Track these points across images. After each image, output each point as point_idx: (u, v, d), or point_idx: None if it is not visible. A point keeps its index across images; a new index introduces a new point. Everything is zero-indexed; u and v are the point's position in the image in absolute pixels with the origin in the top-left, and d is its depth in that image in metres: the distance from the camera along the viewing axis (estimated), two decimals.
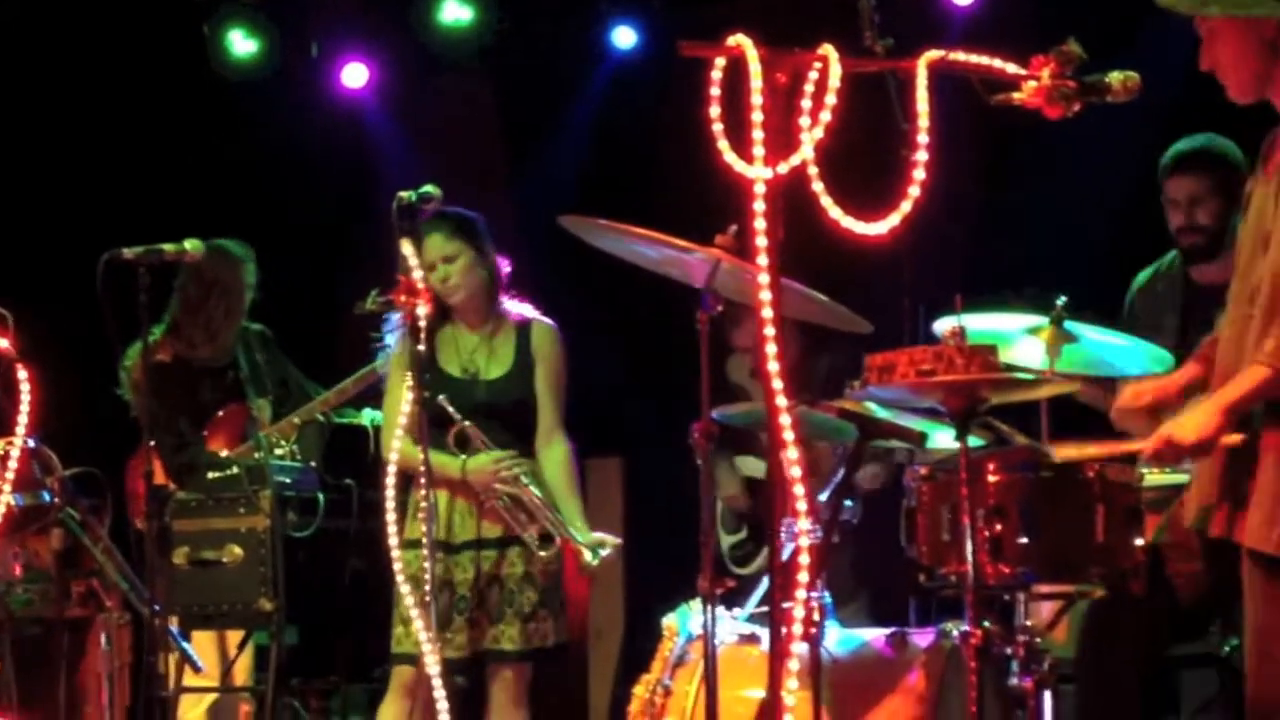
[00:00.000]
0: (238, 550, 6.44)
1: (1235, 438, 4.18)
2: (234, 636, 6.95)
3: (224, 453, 6.99)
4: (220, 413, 7.09)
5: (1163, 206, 6.13)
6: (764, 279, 3.83)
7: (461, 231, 6.15)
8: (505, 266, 6.29)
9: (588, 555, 6.01)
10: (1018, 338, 5.21)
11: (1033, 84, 4.11)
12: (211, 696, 6.97)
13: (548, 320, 6.28)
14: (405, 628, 5.90)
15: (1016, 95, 4.13)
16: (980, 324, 4.93)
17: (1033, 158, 6.84)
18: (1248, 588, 4.19)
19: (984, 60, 4.10)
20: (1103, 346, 5.26)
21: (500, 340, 6.22)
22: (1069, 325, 5.19)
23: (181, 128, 8.83)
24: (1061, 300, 5.22)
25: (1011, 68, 4.11)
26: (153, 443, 6.03)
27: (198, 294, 7.20)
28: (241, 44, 8.93)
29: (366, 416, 7.14)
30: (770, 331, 3.82)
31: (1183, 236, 6.11)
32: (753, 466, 7.54)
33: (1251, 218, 4.37)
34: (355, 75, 9.03)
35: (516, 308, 6.25)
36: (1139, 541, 4.61)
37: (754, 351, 7.46)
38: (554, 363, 6.20)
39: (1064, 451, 4.78)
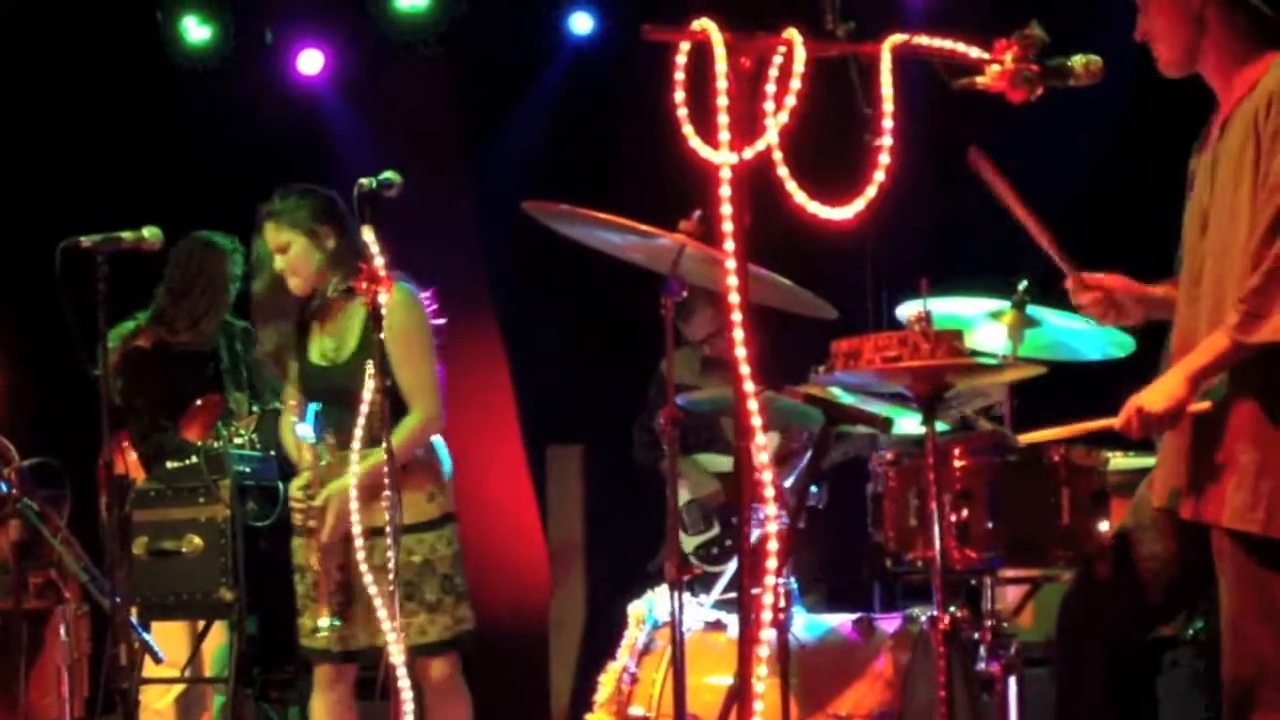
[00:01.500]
0: (197, 540, 6.41)
1: (1204, 405, 4.19)
2: (197, 626, 6.91)
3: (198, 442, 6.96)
4: (197, 402, 7.05)
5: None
6: (731, 264, 3.83)
7: (290, 221, 6.01)
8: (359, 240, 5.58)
9: None
10: (980, 322, 5.21)
11: (996, 68, 4.13)
12: (179, 686, 6.93)
13: (404, 283, 5.86)
14: (311, 620, 5.86)
15: (980, 80, 4.15)
16: (944, 308, 4.93)
17: (996, 140, 6.84)
18: (1223, 568, 4.20)
19: (947, 44, 4.10)
20: (1064, 331, 5.27)
21: (349, 319, 6.02)
22: (1031, 310, 5.20)
23: (136, 115, 8.78)
24: (1024, 284, 5.23)
25: (975, 52, 4.12)
26: (124, 431, 6.00)
27: (182, 282, 7.20)
28: (195, 31, 8.88)
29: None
30: (738, 317, 3.82)
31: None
32: (717, 463, 7.51)
33: (1194, 197, 4.39)
34: (311, 62, 8.98)
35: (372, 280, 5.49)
36: (1104, 525, 4.63)
37: (710, 341, 7.47)
38: (401, 328, 5.80)
39: (1029, 436, 4.79)
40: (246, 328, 7.36)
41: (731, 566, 5.79)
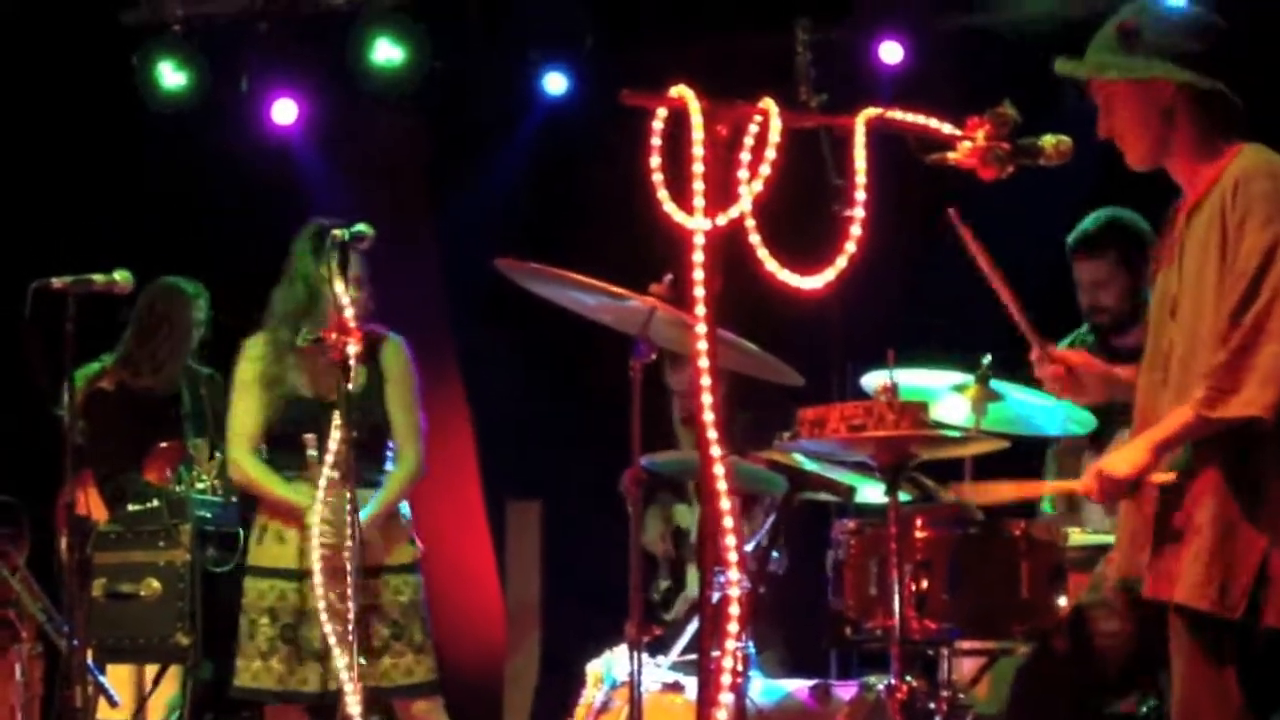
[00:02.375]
0: (156, 584, 6.40)
1: (1168, 475, 4.23)
2: (151, 670, 6.89)
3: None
4: (157, 445, 7.06)
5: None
6: (701, 329, 3.86)
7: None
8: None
9: None
10: (943, 395, 5.27)
11: (967, 145, 4.16)
12: None
13: (391, 333, 6.15)
14: (262, 662, 5.88)
15: (951, 155, 4.18)
16: (908, 380, 4.98)
17: (965, 216, 6.91)
18: (1176, 646, 4.22)
19: (920, 120, 4.14)
20: (1026, 406, 5.32)
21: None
22: (994, 384, 5.25)
23: (110, 159, 8.79)
24: (987, 359, 5.28)
25: (947, 128, 4.16)
26: (87, 472, 6.01)
27: (147, 326, 7.22)
28: (171, 76, 8.88)
29: None
30: (706, 381, 3.85)
31: (1092, 315, 6.19)
32: (678, 513, 7.55)
33: (1160, 283, 4.43)
34: (285, 111, 9.01)
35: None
36: (1062, 600, 4.67)
37: (686, 398, 7.48)
38: (403, 379, 6.10)
39: (987, 492, 4.80)
40: (211, 374, 7.38)
41: (691, 628, 5.82)
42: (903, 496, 4.82)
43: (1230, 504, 4.16)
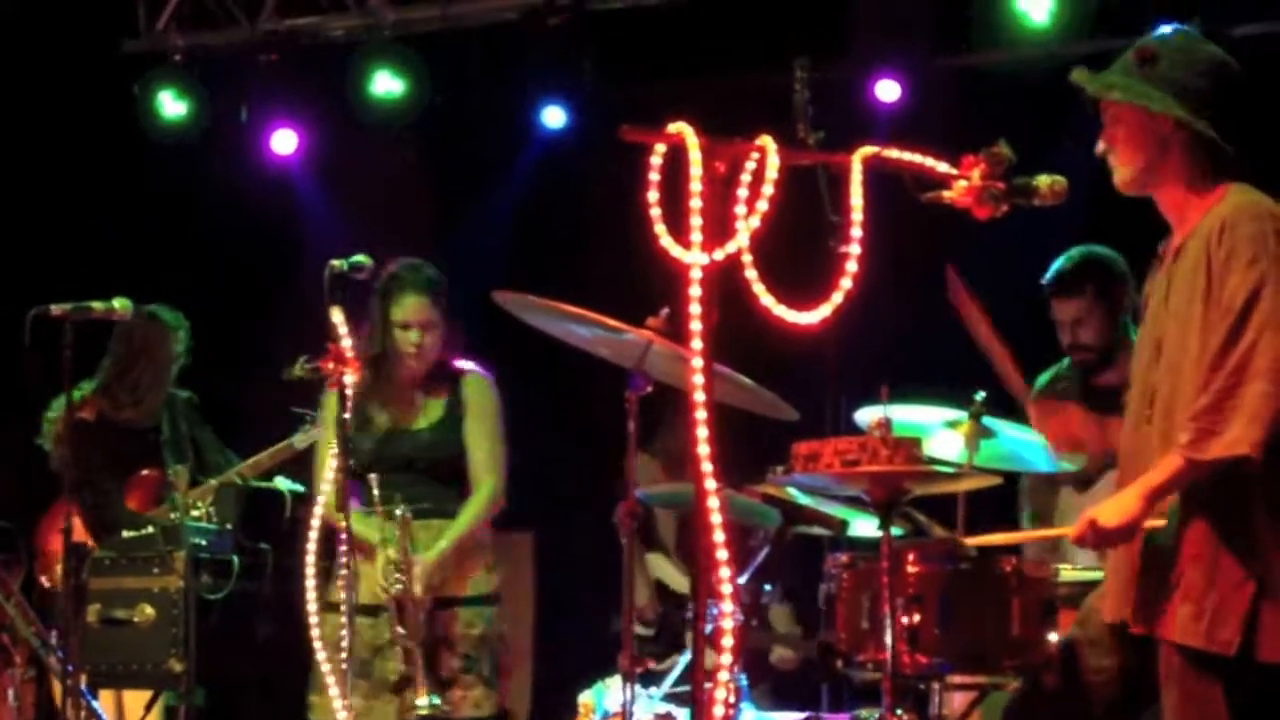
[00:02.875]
0: (150, 610, 6.42)
1: (1158, 522, 4.26)
2: (132, 696, 6.90)
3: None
4: (138, 473, 7.08)
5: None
6: (697, 363, 3.89)
7: (440, 299, 6.17)
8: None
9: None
10: (936, 430, 5.30)
11: (963, 184, 4.18)
12: None
13: (482, 371, 6.25)
14: (320, 697, 5.86)
15: (947, 194, 4.20)
16: (902, 416, 5.01)
17: (957, 254, 6.95)
18: (1168, 685, 4.25)
19: (916, 158, 4.18)
20: (1019, 443, 5.36)
21: (431, 393, 6.19)
22: (987, 420, 5.29)
23: (110, 187, 8.83)
24: (980, 396, 5.32)
25: (943, 167, 4.19)
26: (73, 499, 6.02)
27: (126, 358, 7.23)
28: (171, 105, 8.93)
29: (283, 483, 7.15)
30: (702, 415, 3.88)
31: (1073, 353, 6.22)
32: (659, 565, 7.53)
33: (1147, 323, 4.46)
34: (285, 141, 9.05)
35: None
36: (1053, 636, 4.69)
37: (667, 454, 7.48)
38: (484, 413, 6.18)
39: (979, 539, 4.85)
40: (190, 399, 7.40)
41: (683, 659, 5.84)
42: (895, 531, 4.85)
43: (1219, 542, 4.19)
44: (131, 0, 9.13)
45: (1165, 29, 4.48)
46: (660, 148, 3.93)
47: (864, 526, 5.17)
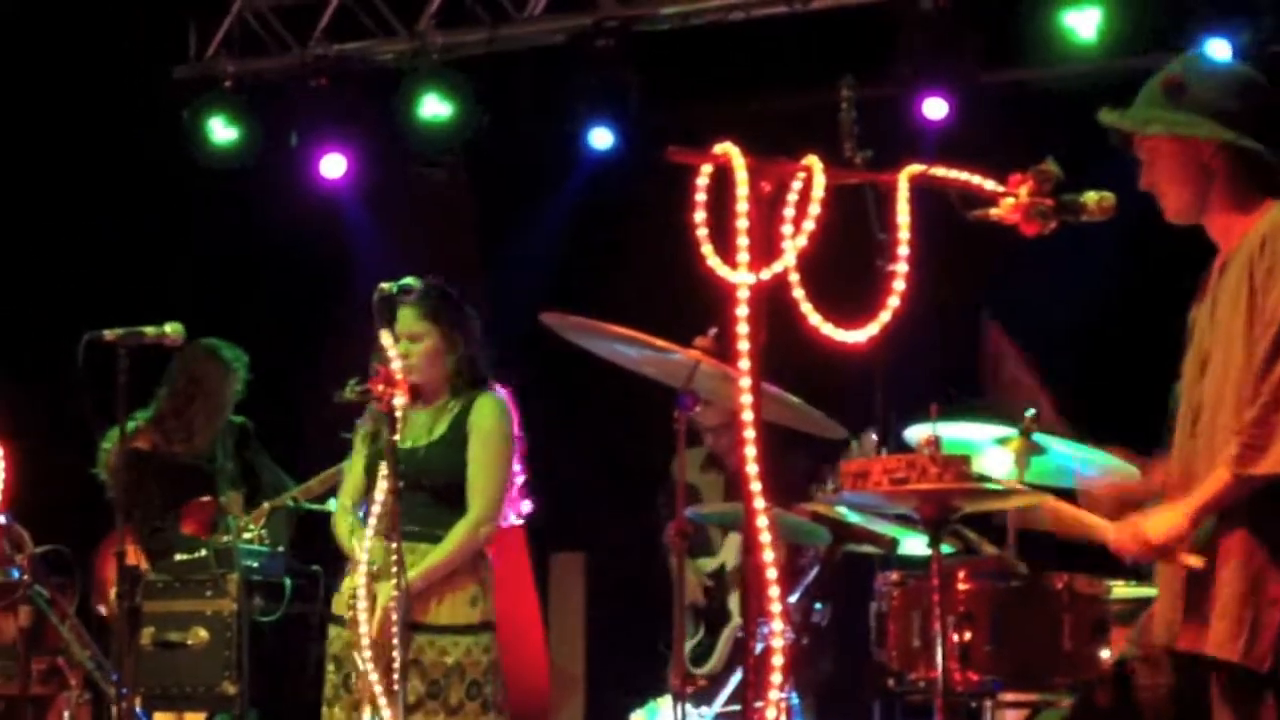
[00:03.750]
0: (203, 633, 6.45)
1: (1197, 561, 4.24)
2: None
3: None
4: (193, 501, 7.13)
5: None
6: (745, 383, 3.90)
7: (434, 314, 6.01)
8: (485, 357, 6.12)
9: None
10: (987, 448, 5.28)
11: (1010, 201, 4.18)
12: None
13: (497, 392, 6.07)
14: (327, 709, 5.89)
15: (994, 211, 4.20)
16: (952, 433, 5.00)
17: (1007, 269, 6.94)
18: (1214, 702, 4.23)
19: (963, 176, 4.18)
20: (1069, 459, 5.34)
21: (444, 413, 6.06)
22: (1037, 437, 5.27)
23: (161, 213, 8.90)
24: (1030, 412, 5.30)
25: (990, 184, 4.19)
26: (128, 525, 6.05)
27: (183, 394, 7.29)
28: (221, 131, 8.99)
29: (333, 504, 7.17)
30: (751, 434, 3.89)
31: None
32: (703, 563, 7.56)
33: (1194, 339, 4.45)
34: (333, 166, 9.10)
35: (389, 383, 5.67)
36: (1105, 653, 4.68)
37: (716, 433, 7.47)
38: (486, 435, 5.96)
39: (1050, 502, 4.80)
40: (244, 425, 7.44)
41: (734, 678, 5.84)
42: (945, 549, 4.84)
43: (1256, 558, 4.18)
44: (182, 27, 9.21)
45: (1188, 55, 4.47)
46: (706, 168, 3.94)
47: (914, 544, 5.16)
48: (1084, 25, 7.72)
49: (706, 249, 3.91)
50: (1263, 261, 4.21)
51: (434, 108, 8.72)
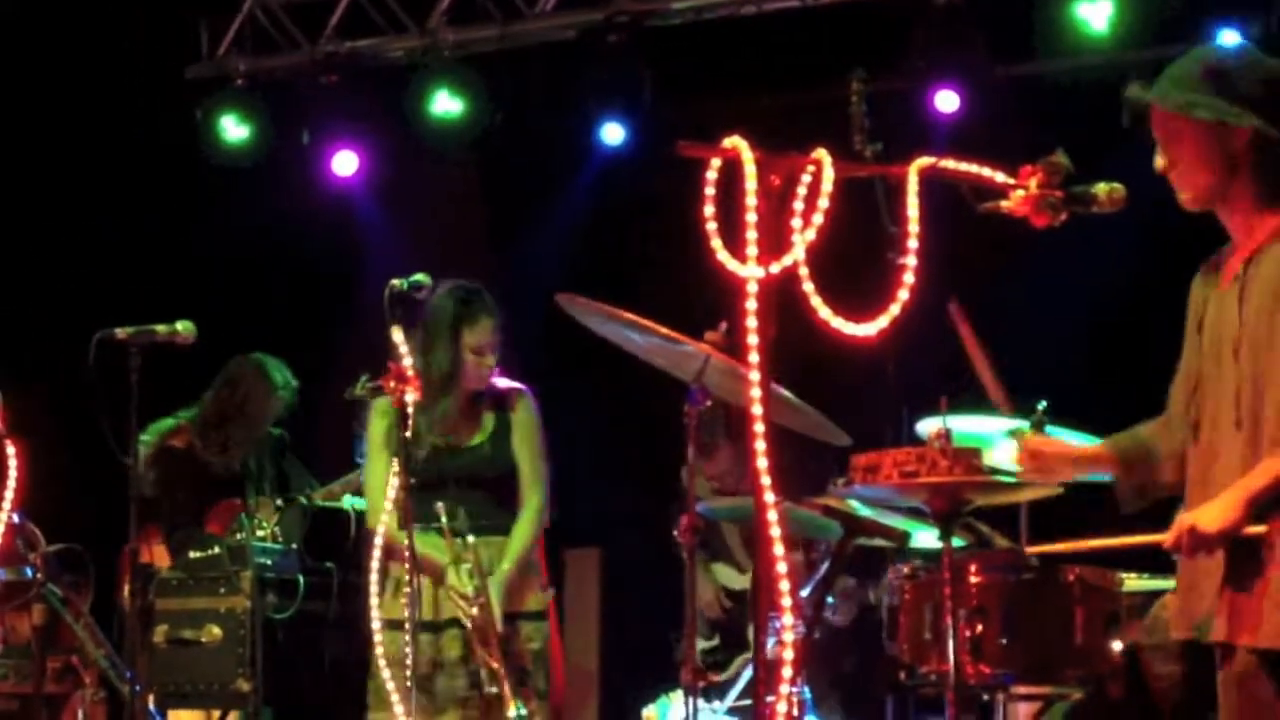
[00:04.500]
0: (217, 630, 6.47)
1: (1260, 528, 4.18)
2: (200, 716, 6.95)
3: None
4: (220, 502, 7.15)
5: None
6: (754, 377, 3.89)
7: (500, 321, 6.24)
8: None
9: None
10: (998, 440, 5.27)
11: (1020, 193, 4.17)
12: None
13: (523, 387, 6.30)
14: (380, 713, 5.87)
15: (1004, 203, 4.19)
16: (963, 426, 5.00)
17: (1018, 262, 6.93)
18: (1246, 691, 4.17)
19: (973, 169, 4.17)
20: None
21: (479, 409, 6.23)
22: (1049, 430, 5.25)
23: (174, 211, 8.91)
24: (1042, 405, 5.29)
25: (1000, 176, 4.18)
26: (154, 523, 6.08)
27: (226, 410, 7.31)
28: (233, 130, 9.00)
29: (347, 501, 7.19)
30: (760, 428, 3.88)
31: None
32: (726, 576, 7.55)
33: (1209, 327, 4.41)
34: (346, 163, 9.10)
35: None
36: (1117, 645, 4.67)
37: (722, 478, 7.44)
38: (530, 430, 6.22)
39: (1046, 548, 4.83)
40: (281, 436, 7.46)
41: (746, 673, 5.84)
42: (957, 542, 4.84)
43: None
44: (194, 26, 9.22)
45: (1224, 43, 4.44)
46: (716, 162, 3.93)
47: (926, 538, 5.15)
48: (1096, 17, 7.70)
49: (716, 243, 3.90)
50: None
51: (445, 104, 8.71)
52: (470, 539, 5.80)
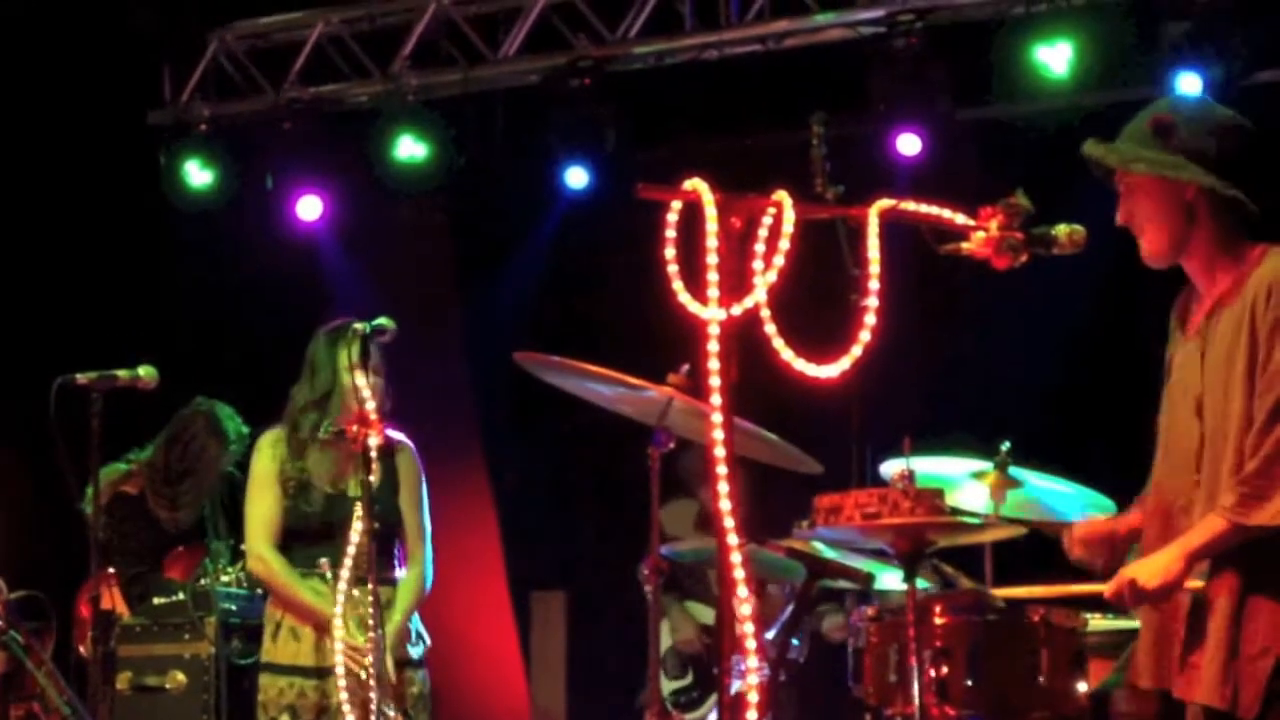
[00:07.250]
0: (181, 677, 6.44)
1: (1197, 583, 4.22)
2: None
3: None
4: (178, 548, 7.11)
5: None
6: (717, 418, 3.89)
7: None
8: None
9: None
10: (963, 481, 5.28)
11: (981, 234, 4.18)
12: None
13: (406, 439, 6.12)
14: None
15: (965, 245, 4.20)
16: (927, 467, 5.01)
17: (979, 304, 6.95)
18: None
19: (934, 210, 4.18)
20: (1045, 492, 5.34)
21: (356, 458, 5.85)
22: (1013, 470, 5.27)
23: (136, 256, 8.88)
24: (1006, 445, 5.31)
25: (960, 218, 4.19)
26: (110, 569, 6.04)
27: (178, 463, 7.22)
28: (197, 174, 8.98)
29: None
30: (723, 470, 3.88)
31: None
32: (706, 615, 7.55)
33: (1176, 380, 4.43)
34: (310, 208, 9.09)
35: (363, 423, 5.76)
36: (1082, 686, 4.67)
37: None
38: (417, 482, 6.10)
39: (1011, 592, 4.84)
40: (233, 475, 7.41)
41: (712, 716, 5.83)
42: (921, 583, 4.84)
43: (1245, 607, 4.16)
44: (156, 71, 9.21)
45: (1182, 94, 4.48)
46: (677, 204, 3.94)
47: (891, 579, 5.15)
48: (1056, 60, 7.73)
49: (677, 285, 3.90)
50: (1268, 314, 4.20)
51: (409, 149, 8.70)
52: (355, 591, 5.68)
